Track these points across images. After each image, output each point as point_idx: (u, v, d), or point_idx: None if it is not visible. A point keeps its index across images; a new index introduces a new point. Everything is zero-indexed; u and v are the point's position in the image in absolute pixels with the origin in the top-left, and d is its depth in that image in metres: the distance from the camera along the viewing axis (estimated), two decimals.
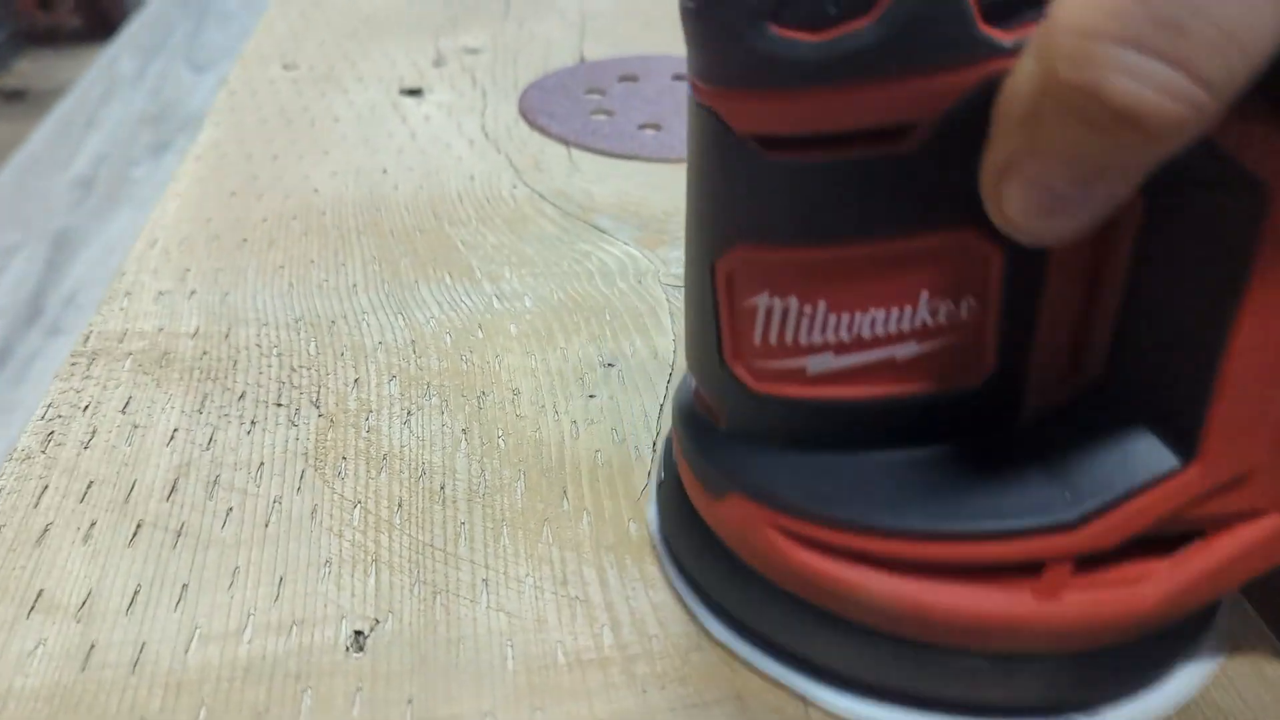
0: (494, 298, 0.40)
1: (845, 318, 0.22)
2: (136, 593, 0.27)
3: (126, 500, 0.30)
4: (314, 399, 0.35)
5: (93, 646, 0.26)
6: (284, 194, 0.48)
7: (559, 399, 0.35)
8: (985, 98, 0.18)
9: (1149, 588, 0.23)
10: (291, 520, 0.30)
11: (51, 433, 0.33)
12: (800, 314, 0.22)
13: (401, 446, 0.33)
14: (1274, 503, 0.22)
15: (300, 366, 0.36)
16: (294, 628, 0.27)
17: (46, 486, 0.31)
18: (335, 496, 0.31)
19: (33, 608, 0.27)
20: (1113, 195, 0.17)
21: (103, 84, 0.65)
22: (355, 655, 0.26)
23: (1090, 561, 0.23)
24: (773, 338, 0.23)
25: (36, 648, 0.26)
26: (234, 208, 0.47)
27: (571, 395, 0.35)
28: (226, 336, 0.38)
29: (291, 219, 0.46)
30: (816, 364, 0.23)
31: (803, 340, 0.22)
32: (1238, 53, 0.15)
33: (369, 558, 0.29)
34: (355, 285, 0.41)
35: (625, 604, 0.27)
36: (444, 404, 0.35)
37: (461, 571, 0.28)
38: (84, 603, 0.27)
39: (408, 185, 0.49)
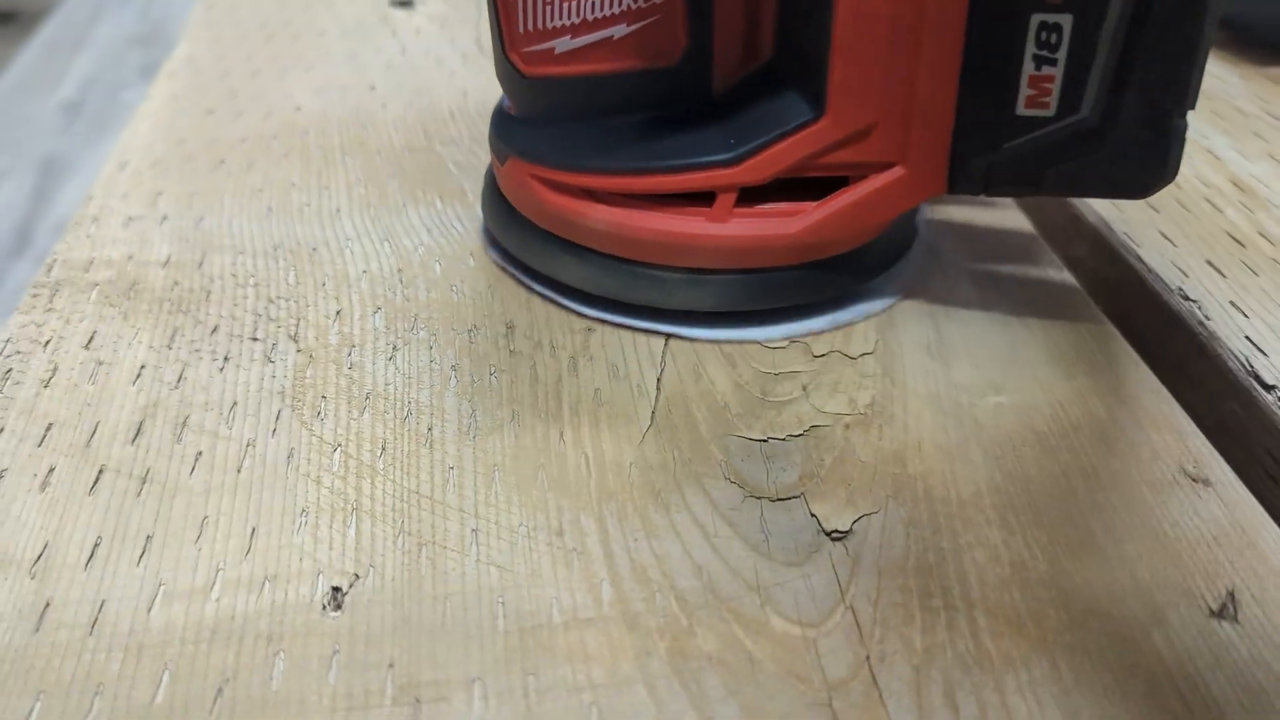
0: None
1: (574, 3, 0.29)
2: (97, 546, 0.25)
3: (88, 444, 0.28)
4: (292, 333, 0.32)
5: (48, 605, 0.24)
6: (264, 112, 0.45)
7: (556, 333, 0.32)
8: None
9: (797, 220, 0.30)
10: (266, 466, 0.27)
11: (9, 370, 0.31)
12: (544, 2, 0.29)
13: (386, 385, 0.30)
14: (898, 155, 0.29)
15: (278, 298, 0.34)
16: (266, 584, 0.24)
17: (1, 429, 0.28)
18: (314, 439, 0.28)
19: None
20: None
21: (90, 4, 0.61)
22: (332, 614, 0.24)
23: (754, 198, 0.30)
24: (530, 25, 0.30)
25: None
26: (210, 127, 0.44)
27: (573, 329, 0.32)
28: (200, 265, 0.35)
29: (272, 139, 0.43)
30: (561, 45, 0.30)
31: (549, 25, 0.29)
32: None
33: (349, 506, 0.26)
34: (339, 209, 0.38)
35: (626, 555, 0.25)
36: (433, 338, 0.32)
37: (450, 521, 0.26)
38: (39, 557, 0.25)
39: (397, 103, 0.46)
